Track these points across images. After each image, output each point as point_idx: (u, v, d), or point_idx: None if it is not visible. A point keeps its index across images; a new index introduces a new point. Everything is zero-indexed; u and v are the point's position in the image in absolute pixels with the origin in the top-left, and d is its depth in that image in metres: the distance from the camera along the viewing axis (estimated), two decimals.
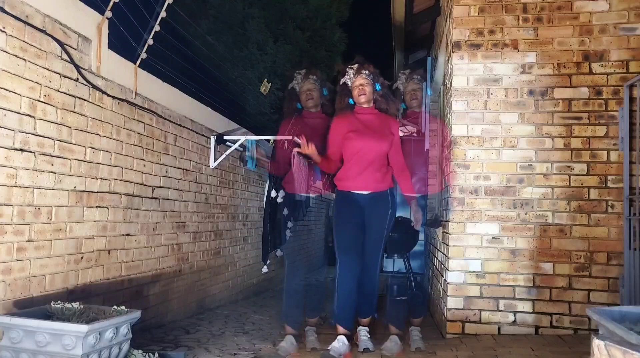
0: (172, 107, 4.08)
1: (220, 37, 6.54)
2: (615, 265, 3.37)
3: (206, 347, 3.33)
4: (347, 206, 3.35)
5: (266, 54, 6.54)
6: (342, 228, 3.32)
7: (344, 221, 3.33)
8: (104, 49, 3.20)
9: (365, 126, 3.35)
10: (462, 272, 3.53)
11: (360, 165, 3.31)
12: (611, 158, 3.44)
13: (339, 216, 3.37)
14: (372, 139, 3.31)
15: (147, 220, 3.69)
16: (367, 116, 3.39)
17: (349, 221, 3.32)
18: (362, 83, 3.34)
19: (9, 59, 2.46)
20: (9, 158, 2.45)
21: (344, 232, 3.30)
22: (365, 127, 3.35)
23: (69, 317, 2.35)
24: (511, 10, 3.61)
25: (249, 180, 5.93)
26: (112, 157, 3.28)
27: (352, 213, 3.32)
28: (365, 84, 3.34)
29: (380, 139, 3.32)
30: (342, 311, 3.20)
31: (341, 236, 3.31)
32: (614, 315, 1.73)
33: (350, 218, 3.32)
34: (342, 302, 3.19)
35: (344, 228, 3.31)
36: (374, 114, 3.41)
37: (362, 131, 3.33)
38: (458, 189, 3.59)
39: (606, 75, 3.48)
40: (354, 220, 3.31)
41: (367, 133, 3.32)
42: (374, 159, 3.32)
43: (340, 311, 3.20)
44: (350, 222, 3.31)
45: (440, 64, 4.55)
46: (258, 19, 6.52)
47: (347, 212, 3.34)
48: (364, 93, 3.34)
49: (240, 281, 5.71)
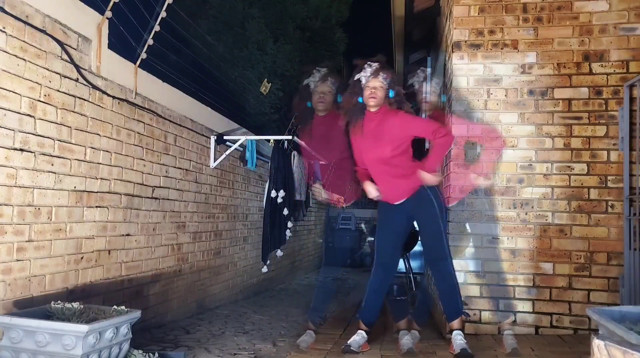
0: (172, 107, 4.08)
1: (220, 37, 6.54)
2: (615, 265, 3.37)
3: (206, 347, 3.33)
4: (387, 213, 3.34)
5: (266, 54, 6.53)
6: (380, 236, 3.36)
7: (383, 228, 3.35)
8: (104, 49, 3.20)
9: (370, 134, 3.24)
10: (462, 272, 3.53)
11: (379, 177, 3.28)
12: (611, 158, 3.44)
13: (379, 223, 3.39)
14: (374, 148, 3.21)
15: (147, 220, 3.68)
16: (372, 123, 3.23)
17: (387, 228, 3.33)
18: (375, 86, 3.18)
19: (9, 59, 2.46)
20: (9, 158, 2.45)
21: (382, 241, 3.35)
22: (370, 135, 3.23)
23: (69, 317, 2.35)
24: (511, 10, 3.61)
25: (249, 180, 5.93)
26: (112, 157, 3.28)
27: (392, 219, 3.32)
28: (378, 88, 3.18)
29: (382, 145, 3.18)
30: (367, 310, 3.35)
31: (379, 245, 3.36)
32: (614, 315, 1.73)
33: (389, 224, 3.33)
34: (368, 301, 3.34)
35: (382, 237, 3.35)
36: (378, 119, 3.22)
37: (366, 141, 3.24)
38: (458, 189, 3.59)
39: (606, 75, 3.48)
40: (392, 227, 3.32)
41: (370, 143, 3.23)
42: (385, 167, 3.22)
43: (365, 308, 3.35)
44: (389, 229, 3.33)
45: (440, 64, 4.56)
46: (258, 19, 6.52)
47: (386, 219, 3.34)
48: (375, 97, 3.17)
49: (240, 281, 5.71)
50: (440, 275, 3.23)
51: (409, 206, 3.25)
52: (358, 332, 3.27)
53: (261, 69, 6.52)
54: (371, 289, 3.35)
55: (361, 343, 3.21)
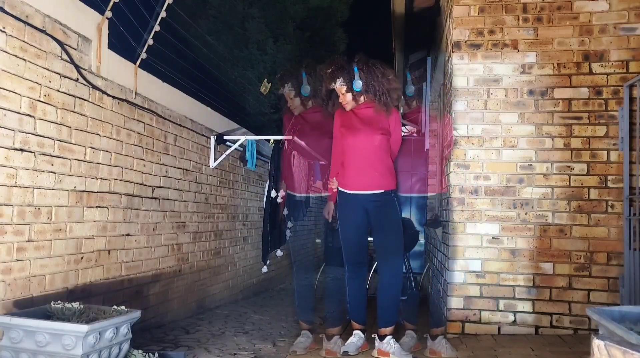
0: (172, 107, 4.08)
1: (220, 37, 6.54)
2: (615, 265, 3.37)
3: (206, 347, 3.33)
4: (346, 209, 3.28)
5: (266, 54, 6.54)
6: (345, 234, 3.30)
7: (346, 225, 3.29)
8: (104, 49, 3.20)
9: (359, 120, 3.26)
10: (462, 272, 3.53)
11: (356, 163, 3.25)
12: (611, 158, 3.44)
13: (341, 221, 3.31)
14: (364, 134, 3.22)
15: (147, 220, 3.69)
16: (363, 111, 3.29)
17: (350, 225, 3.27)
18: (340, 91, 3.25)
19: (9, 59, 2.46)
20: (9, 158, 2.45)
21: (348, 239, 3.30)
22: (359, 122, 3.25)
23: (69, 317, 2.35)
24: (511, 10, 3.61)
25: (249, 180, 5.93)
26: (112, 157, 3.28)
27: (353, 215, 3.26)
28: (343, 92, 3.24)
29: (374, 133, 3.22)
30: (354, 308, 3.32)
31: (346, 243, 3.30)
32: (614, 315, 1.73)
33: (352, 221, 3.27)
34: (353, 302, 3.32)
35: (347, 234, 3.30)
36: (370, 107, 3.27)
37: (354, 126, 3.25)
38: (458, 189, 3.59)
39: (606, 75, 3.48)
40: (355, 223, 3.27)
41: (358, 128, 3.24)
42: (368, 155, 3.23)
43: (352, 308, 3.33)
44: (352, 225, 3.27)
45: (440, 64, 4.55)
46: (258, 19, 6.52)
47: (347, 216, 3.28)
48: (345, 102, 3.27)
49: (240, 281, 5.71)
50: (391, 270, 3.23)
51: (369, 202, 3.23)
52: (354, 332, 3.23)
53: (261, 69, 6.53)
54: (351, 289, 3.30)
55: (359, 345, 3.18)
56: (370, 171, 3.24)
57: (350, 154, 3.27)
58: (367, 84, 3.21)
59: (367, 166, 3.24)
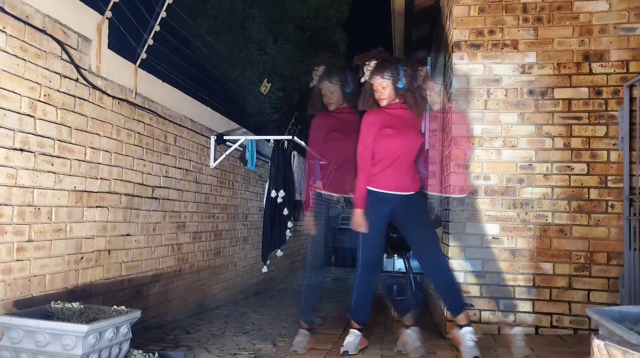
0: (172, 107, 4.08)
1: (220, 37, 6.54)
2: (615, 265, 3.37)
3: (206, 347, 3.33)
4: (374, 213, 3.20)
5: (266, 54, 6.54)
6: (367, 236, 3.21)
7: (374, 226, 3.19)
8: (104, 49, 3.20)
9: (399, 121, 3.17)
10: (462, 272, 3.53)
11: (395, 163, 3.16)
12: (611, 158, 3.44)
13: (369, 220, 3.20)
14: (409, 136, 3.16)
15: (147, 220, 3.69)
16: (399, 111, 3.19)
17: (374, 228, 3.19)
18: (381, 85, 3.15)
19: (9, 59, 2.46)
20: (9, 158, 2.45)
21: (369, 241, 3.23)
22: (400, 122, 3.17)
23: (69, 317, 2.35)
24: (511, 10, 3.61)
25: (249, 180, 5.93)
26: (112, 157, 3.28)
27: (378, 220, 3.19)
28: (385, 86, 3.15)
29: (417, 136, 3.19)
30: (359, 309, 3.27)
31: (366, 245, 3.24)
32: (614, 315, 1.73)
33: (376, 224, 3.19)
34: (358, 301, 3.27)
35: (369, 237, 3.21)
36: (404, 108, 3.19)
37: (398, 126, 3.15)
38: (458, 189, 3.59)
39: (606, 75, 3.48)
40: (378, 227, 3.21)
41: (403, 129, 3.16)
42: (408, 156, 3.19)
43: (356, 308, 3.28)
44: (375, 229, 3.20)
45: (440, 64, 4.55)
46: (258, 19, 6.53)
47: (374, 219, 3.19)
48: (383, 97, 3.16)
49: (240, 281, 5.71)
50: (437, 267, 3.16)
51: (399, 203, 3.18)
52: (351, 331, 3.20)
53: (261, 69, 6.53)
54: (360, 290, 3.27)
55: (357, 343, 3.17)
56: (409, 173, 3.21)
57: (391, 154, 3.16)
58: (410, 84, 3.16)
59: (405, 168, 3.19)
